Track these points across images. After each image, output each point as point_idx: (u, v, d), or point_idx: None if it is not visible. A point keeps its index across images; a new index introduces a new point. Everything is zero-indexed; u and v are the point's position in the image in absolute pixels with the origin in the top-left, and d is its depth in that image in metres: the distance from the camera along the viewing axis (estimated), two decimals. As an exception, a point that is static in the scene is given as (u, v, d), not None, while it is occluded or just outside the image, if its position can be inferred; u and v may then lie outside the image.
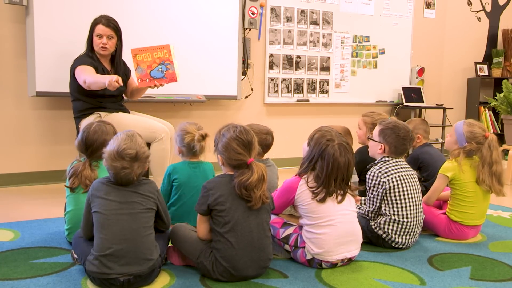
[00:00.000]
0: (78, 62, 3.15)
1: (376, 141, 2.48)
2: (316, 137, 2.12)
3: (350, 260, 2.16)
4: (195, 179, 2.39)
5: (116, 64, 3.31)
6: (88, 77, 3.00)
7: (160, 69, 3.22)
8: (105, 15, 3.22)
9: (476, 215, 2.56)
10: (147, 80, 3.22)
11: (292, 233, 2.15)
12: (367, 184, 2.43)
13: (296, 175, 2.16)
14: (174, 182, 2.40)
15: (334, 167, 2.03)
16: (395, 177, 2.37)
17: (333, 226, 2.05)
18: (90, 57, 3.17)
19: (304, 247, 2.10)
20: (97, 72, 3.13)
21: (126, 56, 3.32)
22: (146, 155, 1.92)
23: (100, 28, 3.16)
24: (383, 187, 2.36)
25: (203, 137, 2.32)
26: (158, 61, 3.20)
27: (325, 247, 2.05)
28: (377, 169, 2.41)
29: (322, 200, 2.04)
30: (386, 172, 2.38)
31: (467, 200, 2.54)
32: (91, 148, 2.24)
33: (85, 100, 3.18)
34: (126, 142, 1.87)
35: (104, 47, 3.18)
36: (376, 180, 2.38)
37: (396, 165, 2.42)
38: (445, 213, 2.63)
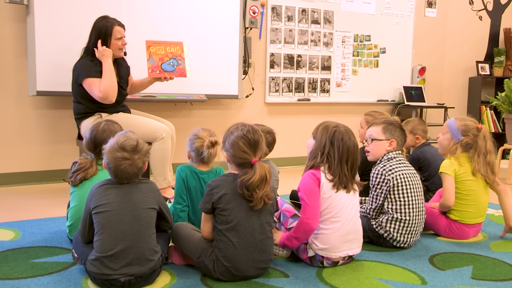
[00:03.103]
0: (83, 72, 3.07)
1: (383, 139, 2.47)
2: (321, 128, 2.16)
3: (350, 258, 2.17)
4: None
5: (119, 63, 3.31)
6: (100, 86, 3.03)
7: (171, 63, 3.35)
8: (106, 15, 3.20)
9: (475, 213, 2.56)
10: (158, 72, 3.33)
11: None
12: (371, 182, 2.43)
13: (307, 170, 2.13)
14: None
15: (344, 150, 2.08)
16: (399, 175, 2.38)
17: (340, 222, 2.07)
18: (92, 61, 3.11)
19: (307, 243, 2.11)
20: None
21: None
22: (146, 148, 1.94)
23: (118, 30, 3.14)
24: (387, 185, 2.37)
25: (213, 144, 2.21)
26: (170, 56, 3.34)
27: (330, 243, 2.07)
28: (381, 167, 2.41)
29: (338, 189, 2.07)
30: (390, 170, 2.39)
31: (466, 198, 2.54)
32: (99, 147, 2.24)
33: (87, 105, 3.16)
34: (124, 136, 1.91)
35: (122, 48, 3.20)
36: (380, 178, 2.39)
37: (400, 163, 2.43)
38: (445, 213, 2.63)
